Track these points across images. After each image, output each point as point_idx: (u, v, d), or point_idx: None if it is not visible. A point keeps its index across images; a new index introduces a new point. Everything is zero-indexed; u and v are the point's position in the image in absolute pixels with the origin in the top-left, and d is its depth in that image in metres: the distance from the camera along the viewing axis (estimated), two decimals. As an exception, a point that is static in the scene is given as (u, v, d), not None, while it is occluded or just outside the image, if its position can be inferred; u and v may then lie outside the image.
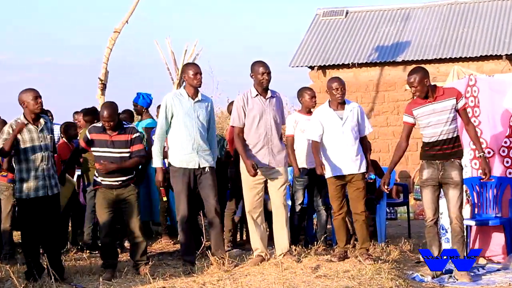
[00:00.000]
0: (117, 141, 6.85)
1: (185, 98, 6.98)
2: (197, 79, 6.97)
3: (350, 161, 7.07)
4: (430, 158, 6.53)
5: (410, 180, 13.83)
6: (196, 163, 6.91)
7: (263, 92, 7.06)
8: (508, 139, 7.51)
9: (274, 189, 7.07)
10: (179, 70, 12.35)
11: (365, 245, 7.13)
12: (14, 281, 6.02)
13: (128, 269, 6.98)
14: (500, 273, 6.75)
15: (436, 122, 6.45)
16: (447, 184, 6.49)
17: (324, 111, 7.20)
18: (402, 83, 14.74)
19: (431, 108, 6.46)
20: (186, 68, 7.11)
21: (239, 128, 7.05)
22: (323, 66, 15.13)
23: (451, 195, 6.48)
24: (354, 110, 7.17)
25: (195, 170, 6.91)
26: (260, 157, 7.00)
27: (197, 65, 7.17)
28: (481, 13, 15.61)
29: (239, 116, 7.04)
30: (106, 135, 6.86)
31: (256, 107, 7.02)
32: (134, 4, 12.94)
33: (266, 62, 7.05)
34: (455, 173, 6.46)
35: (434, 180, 6.53)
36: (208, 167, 6.97)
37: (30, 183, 6.44)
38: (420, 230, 9.81)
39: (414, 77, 6.42)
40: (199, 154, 6.93)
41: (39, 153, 6.47)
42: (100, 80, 12.50)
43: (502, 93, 7.52)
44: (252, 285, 6.02)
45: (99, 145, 6.87)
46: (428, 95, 6.46)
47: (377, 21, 16.28)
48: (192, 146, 6.91)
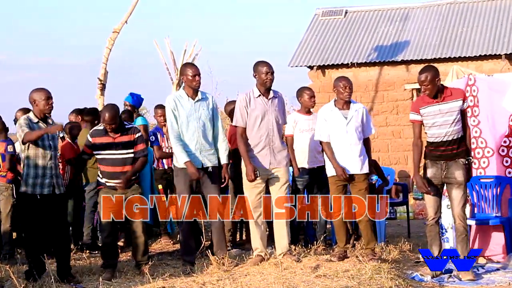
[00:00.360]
0: (121, 142, 6.85)
1: (184, 99, 6.99)
2: (195, 80, 6.97)
3: (353, 161, 7.07)
4: (435, 158, 6.52)
5: (410, 180, 13.84)
6: (200, 163, 6.93)
7: (265, 92, 7.05)
8: (507, 139, 7.52)
9: (275, 189, 7.07)
10: (178, 70, 12.36)
11: (370, 245, 7.14)
12: (14, 281, 6.02)
13: (128, 269, 6.99)
14: (499, 272, 6.75)
15: (442, 123, 6.42)
16: (450, 184, 6.48)
17: (329, 110, 7.21)
18: (401, 83, 14.76)
19: (437, 108, 6.43)
20: (185, 69, 7.10)
21: (242, 128, 7.05)
22: (322, 66, 15.14)
23: (454, 194, 6.48)
24: (359, 110, 7.17)
25: (198, 170, 6.92)
26: (261, 157, 7.00)
27: (195, 66, 7.16)
28: (480, 12, 15.62)
29: (242, 116, 7.04)
30: (109, 138, 6.85)
31: (258, 108, 7.02)
32: (133, 4, 12.95)
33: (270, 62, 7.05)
34: (458, 172, 6.44)
35: (437, 179, 6.52)
36: (212, 166, 6.99)
37: (37, 180, 6.45)
38: (420, 229, 9.82)
39: (426, 75, 6.36)
40: (202, 154, 6.95)
41: (48, 151, 6.50)
42: (100, 80, 12.51)
43: (501, 93, 7.53)
44: (251, 285, 6.02)
45: (102, 148, 6.85)
46: (437, 95, 6.43)
47: (376, 20, 16.29)
48: (195, 146, 6.92)
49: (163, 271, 6.70)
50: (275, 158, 7.05)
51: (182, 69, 7.28)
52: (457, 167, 6.46)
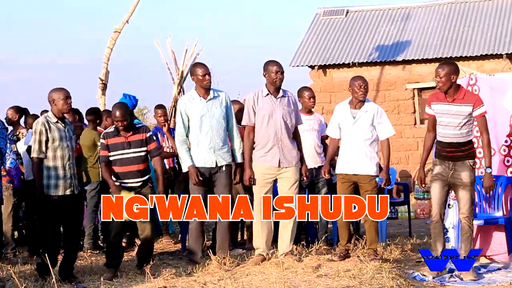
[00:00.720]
0: (133, 141, 6.85)
1: (196, 99, 7.02)
2: (206, 79, 7.00)
3: (356, 161, 7.09)
4: (442, 157, 6.52)
5: (411, 180, 13.84)
6: (213, 162, 6.98)
7: (274, 91, 7.06)
8: (508, 138, 7.51)
9: (284, 189, 7.05)
10: (179, 69, 12.35)
11: (373, 246, 7.15)
12: (15, 281, 6.02)
13: (129, 269, 6.99)
14: (501, 272, 6.75)
15: (447, 123, 6.42)
16: (457, 185, 6.48)
17: (342, 107, 7.26)
18: (402, 83, 14.76)
19: (446, 108, 6.41)
20: (195, 69, 7.12)
21: (250, 128, 7.06)
22: (323, 66, 15.15)
23: (460, 195, 6.48)
24: (370, 111, 7.16)
25: (211, 169, 6.96)
26: (270, 156, 7.00)
27: (205, 66, 7.15)
28: (481, 12, 15.61)
29: (249, 115, 7.05)
30: (121, 138, 6.84)
31: (266, 106, 7.02)
32: (135, 4, 12.94)
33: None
34: (465, 174, 6.43)
35: (444, 177, 6.50)
36: (225, 165, 7.02)
37: (59, 181, 6.46)
38: (421, 229, 9.82)
39: (443, 68, 6.36)
40: (216, 152, 6.99)
41: (66, 151, 6.51)
42: (101, 80, 12.51)
43: (502, 92, 7.52)
44: (253, 285, 6.02)
45: (115, 149, 6.83)
46: (449, 92, 6.39)
47: (377, 20, 16.28)
48: (209, 145, 6.96)
49: (165, 271, 6.70)
50: (284, 157, 7.03)
51: (192, 69, 7.26)
52: (464, 168, 6.44)
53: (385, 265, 6.64)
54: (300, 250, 7.44)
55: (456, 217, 7.11)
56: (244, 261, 7.03)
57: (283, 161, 7.03)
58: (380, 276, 6.14)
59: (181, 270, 6.80)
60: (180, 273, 6.66)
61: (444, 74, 6.34)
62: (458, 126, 6.39)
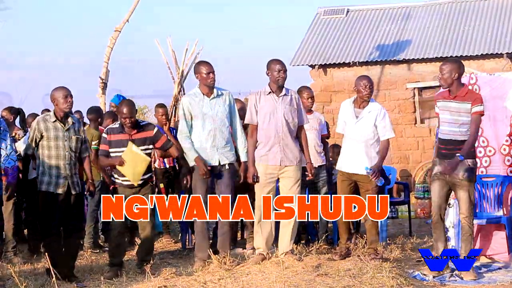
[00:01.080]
0: (137, 139, 6.83)
1: (200, 97, 7.01)
2: (210, 78, 6.99)
3: (355, 160, 7.09)
4: (441, 156, 6.52)
5: (411, 179, 13.84)
6: (216, 161, 6.98)
7: (277, 90, 7.06)
8: (509, 138, 7.50)
9: (286, 188, 7.05)
10: (180, 69, 12.35)
11: (373, 245, 7.15)
12: (15, 280, 6.02)
13: (129, 268, 6.99)
14: (501, 271, 6.76)
15: (448, 120, 6.45)
16: (456, 185, 6.48)
17: (347, 105, 7.28)
18: (403, 82, 14.74)
19: (447, 104, 6.46)
20: (199, 67, 7.11)
21: (253, 126, 7.06)
22: (324, 65, 15.13)
23: (459, 195, 6.49)
24: (373, 112, 7.15)
25: (214, 167, 6.96)
26: (272, 155, 7.00)
27: (209, 64, 7.14)
28: (481, 11, 15.60)
29: (251, 114, 7.05)
30: (125, 135, 6.83)
31: (267, 105, 7.02)
32: (135, 3, 12.95)
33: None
34: (462, 173, 6.43)
35: (444, 176, 6.52)
36: (228, 163, 7.02)
37: (50, 179, 6.49)
38: (421, 228, 9.83)
39: (447, 65, 6.43)
40: (219, 151, 6.98)
41: (61, 151, 6.51)
42: (101, 79, 12.51)
43: (503, 92, 7.52)
44: (253, 284, 6.02)
45: (118, 146, 6.82)
46: (452, 90, 6.43)
47: (378, 19, 16.27)
48: (212, 144, 6.96)
49: (165, 270, 6.71)
50: (286, 155, 7.03)
51: (196, 67, 7.25)
52: (462, 168, 6.44)
53: (386, 264, 6.65)
54: (300, 249, 7.44)
55: (456, 217, 7.11)
56: (244, 260, 7.03)
57: (284, 160, 7.02)
58: (380, 276, 6.14)
59: (181, 269, 6.81)
60: (180, 272, 6.67)
61: (446, 70, 6.41)
62: (457, 124, 6.41)
